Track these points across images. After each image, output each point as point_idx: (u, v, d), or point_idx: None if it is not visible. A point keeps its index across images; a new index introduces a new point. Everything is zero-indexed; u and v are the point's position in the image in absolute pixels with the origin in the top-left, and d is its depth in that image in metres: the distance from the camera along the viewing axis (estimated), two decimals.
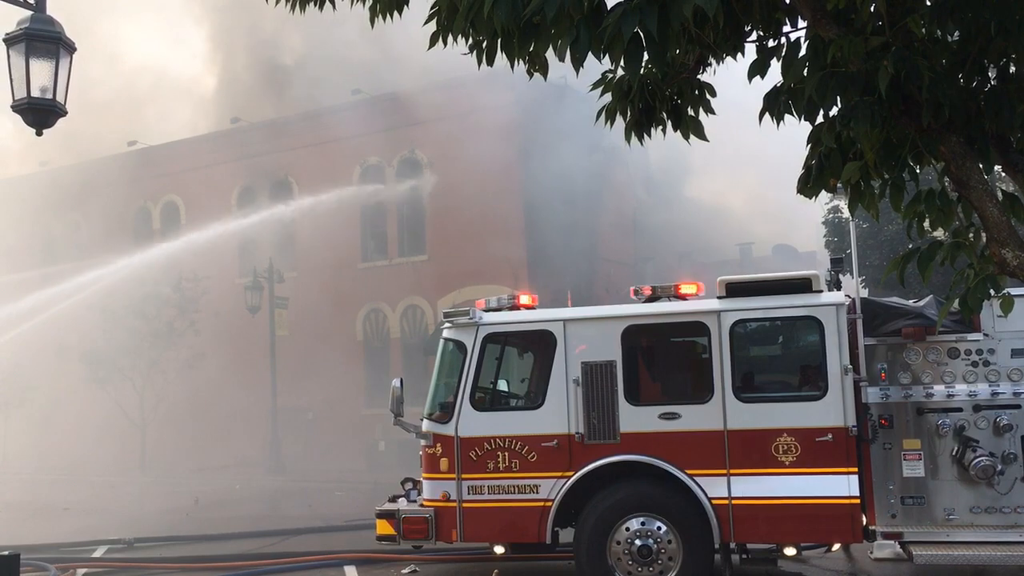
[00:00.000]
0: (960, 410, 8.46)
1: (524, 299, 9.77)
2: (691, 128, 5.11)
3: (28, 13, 7.78)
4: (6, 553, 8.26)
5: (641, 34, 3.84)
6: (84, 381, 29.95)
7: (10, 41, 7.74)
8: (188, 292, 29.77)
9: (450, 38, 4.62)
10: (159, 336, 29.32)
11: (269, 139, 32.18)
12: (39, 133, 8.00)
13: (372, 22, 5.06)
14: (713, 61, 4.99)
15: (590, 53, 3.97)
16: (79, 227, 36.82)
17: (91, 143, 35.67)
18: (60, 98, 7.84)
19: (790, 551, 8.73)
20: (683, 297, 9.27)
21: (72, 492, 23.19)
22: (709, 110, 5.13)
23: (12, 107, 7.82)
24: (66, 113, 7.95)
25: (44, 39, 7.73)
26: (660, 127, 5.16)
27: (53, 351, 30.18)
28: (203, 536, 14.37)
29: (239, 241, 31.20)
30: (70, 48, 7.91)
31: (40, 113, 7.82)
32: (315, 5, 5.21)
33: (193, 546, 13.61)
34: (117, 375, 29.30)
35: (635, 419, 8.85)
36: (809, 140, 4.82)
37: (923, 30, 4.36)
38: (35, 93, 7.72)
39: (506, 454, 9.11)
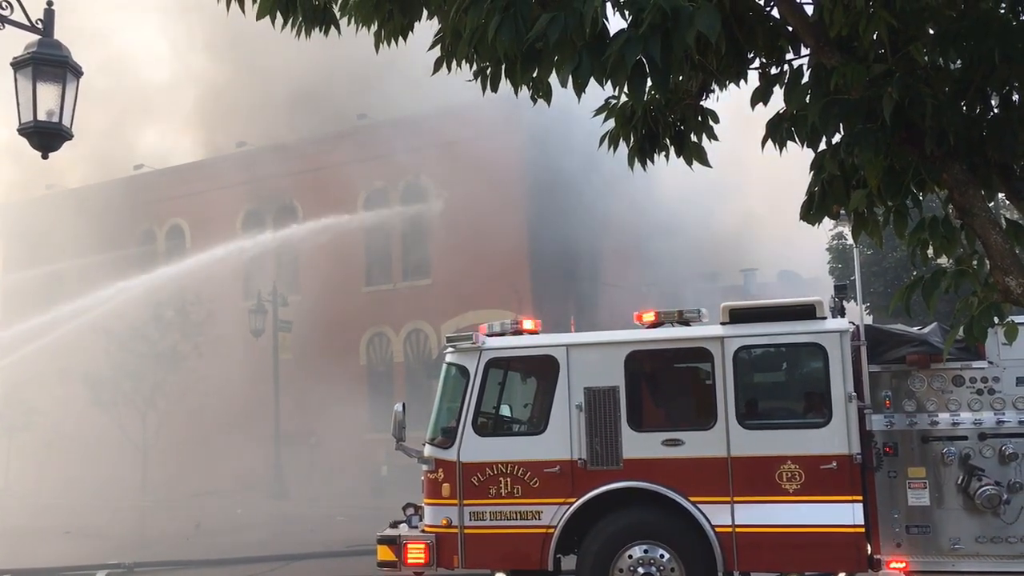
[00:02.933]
0: (965, 438, 8.39)
1: (527, 324, 9.75)
2: (694, 154, 5.12)
3: (36, 37, 7.83)
4: None
5: (644, 61, 3.84)
6: (87, 404, 29.91)
7: (17, 65, 7.78)
8: (192, 315, 29.79)
9: (454, 64, 4.64)
10: (162, 359, 29.32)
11: (274, 163, 32.31)
12: (45, 156, 8.03)
13: (377, 47, 5.07)
14: (716, 87, 5.01)
15: (592, 79, 3.98)
16: (84, 249, 36.91)
17: (96, 166, 35.86)
18: (66, 122, 7.87)
19: None
20: (686, 323, 9.24)
21: (73, 515, 23.11)
22: (712, 136, 5.14)
23: (18, 130, 7.85)
24: (72, 136, 7.97)
25: (51, 63, 7.76)
26: (663, 153, 5.17)
27: (56, 374, 30.16)
28: (204, 561, 14.30)
29: (243, 264, 31.25)
30: (77, 72, 7.94)
31: (46, 137, 7.85)
32: (321, 30, 5.22)
33: (193, 571, 13.55)
34: (120, 398, 29.27)
35: (638, 445, 8.79)
36: (812, 167, 4.82)
37: (925, 58, 4.37)
38: (41, 117, 7.74)
39: (508, 480, 9.04)
